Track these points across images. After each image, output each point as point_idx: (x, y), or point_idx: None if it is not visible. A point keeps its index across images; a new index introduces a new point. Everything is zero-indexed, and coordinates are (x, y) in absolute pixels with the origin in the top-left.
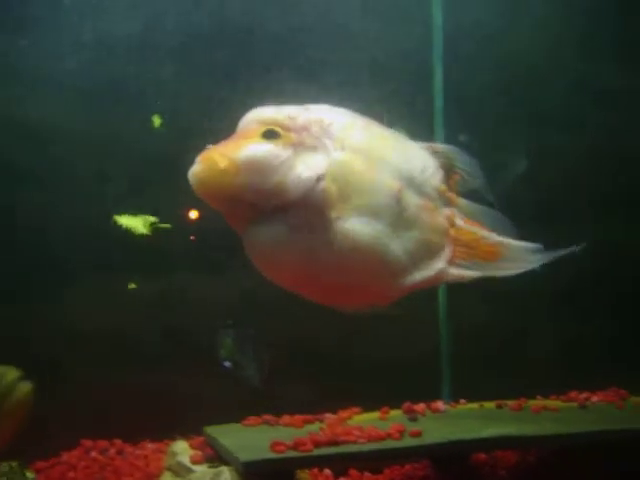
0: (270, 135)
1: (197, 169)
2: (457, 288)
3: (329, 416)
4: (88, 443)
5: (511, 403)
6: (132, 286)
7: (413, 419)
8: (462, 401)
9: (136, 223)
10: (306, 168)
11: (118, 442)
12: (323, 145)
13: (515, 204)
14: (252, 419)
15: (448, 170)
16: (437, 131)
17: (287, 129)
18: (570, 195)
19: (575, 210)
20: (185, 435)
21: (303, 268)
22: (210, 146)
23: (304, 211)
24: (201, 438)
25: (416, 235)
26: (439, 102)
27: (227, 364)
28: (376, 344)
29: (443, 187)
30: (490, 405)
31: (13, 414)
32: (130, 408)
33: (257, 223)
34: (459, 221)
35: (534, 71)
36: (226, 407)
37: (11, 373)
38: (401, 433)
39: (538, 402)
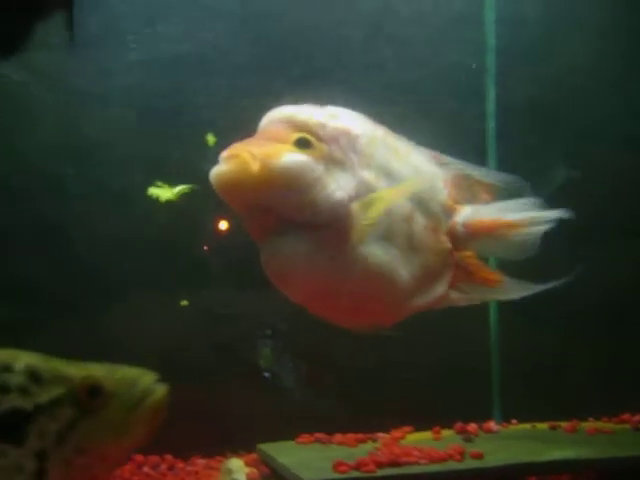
0: (304, 144)
1: (224, 169)
2: (507, 308)
3: (382, 435)
4: (140, 458)
5: (565, 425)
6: (183, 302)
7: (468, 440)
8: (513, 421)
9: (165, 193)
10: (338, 188)
11: (169, 457)
12: (351, 161)
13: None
14: (304, 437)
15: (457, 181)
16: (489, 152)
17: (318, 138)
18: (617, 213)
19: (620, 227)
20: (234, 451)
21: (317, 285)
22: (235, 144)
23: (329, 231)
24: (253, 455)
25: (421, 259)
26: (492, 123)
27: (266, 374)
28: (424, 362)
29: (449, 202)
30: (543, 426)
31: (148, 420)
32: (180, 423)
33: (278, 234)
34: (460, 228)
35: (586, 91)
36: (271, 423)
37: (147, 377)
38: (462, 455)
39: (591, 424)
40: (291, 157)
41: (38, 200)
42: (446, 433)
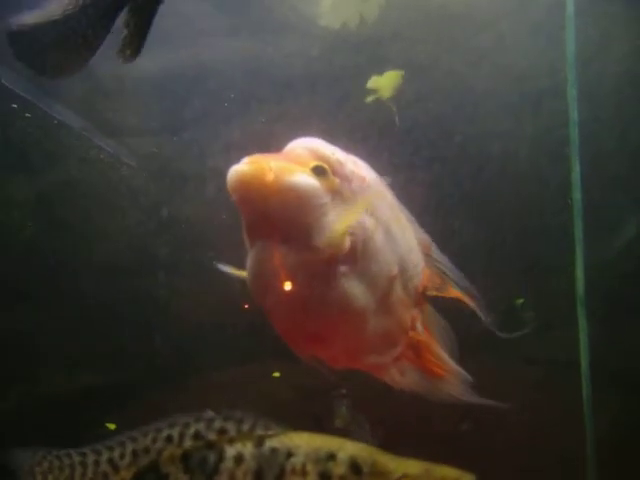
0: (319, 172)
1: (243, 169)
2: (601, 384)
3: None
4: None
5: None
6: (275, 374)
7: None
8: None
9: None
10: (337, 220)
11: None
12: (356, 203)
13: None
14: None
15: (433, 274)
16: (576, 224)
17: (334, 172)
18: None
19: None
20: None
21: (288, 297)
22: (259, 154)
23: (316, 254)
24: None
25: (386, 323)
26: (577, 194)
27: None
28: (513, 444)
29: (420, 288)
30: None
31: None
32: None
33: (269, 242)
34: (419, 325)
35: None
36: None
37: (466, 478)
38: None
39: None
40: (303, 178)
41: (136, 276)
42: None
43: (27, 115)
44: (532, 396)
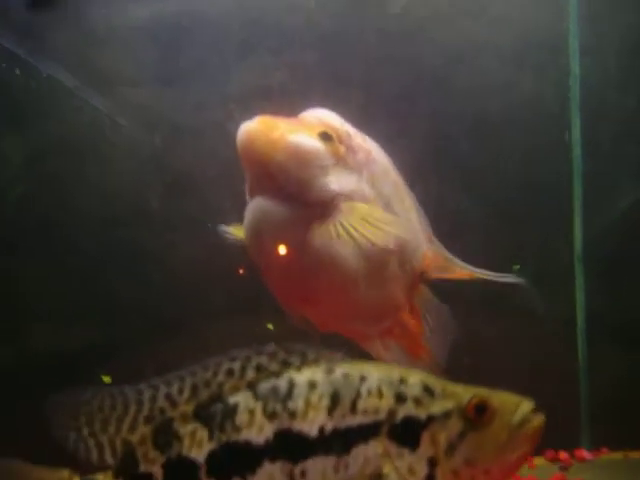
0: (325, 137)
1: (252, 126)
2: (597, 333)
3: None
4: None
5: None
6: (268, 325)
7: (564, 468)
8: (603, 449)
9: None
10: (336, 181)
11: None
12: (359, 172)
13: None
14: None
15: (435, 258)
16: (575, 180)
17: (341, 141)
18: None
19: None
20: None
21: (279, 250)
22: (269, 116)
23: (312, 211)
24: None
25: (377, 294)
26: (577, 150)
27: None
28: (511, 385)
29: (419, 271)
30: (635, 455)
31: (526, 444)
32: None
33: (269, 196)
34: (411, 306)
35: None
36: None
37: (527, 403)
38: None
39: None
40: (308, 139)
41: (131, 229)
42: (538, 461)
43: (17, 72)
44: (529, 351)
